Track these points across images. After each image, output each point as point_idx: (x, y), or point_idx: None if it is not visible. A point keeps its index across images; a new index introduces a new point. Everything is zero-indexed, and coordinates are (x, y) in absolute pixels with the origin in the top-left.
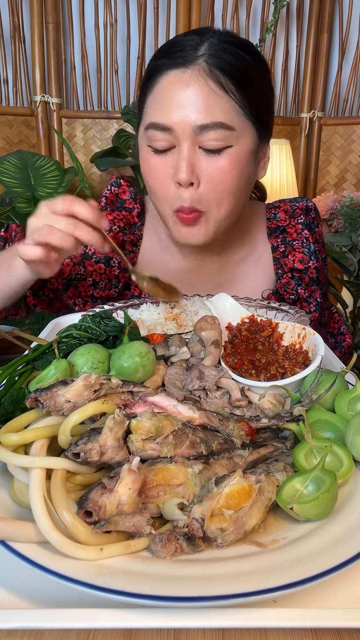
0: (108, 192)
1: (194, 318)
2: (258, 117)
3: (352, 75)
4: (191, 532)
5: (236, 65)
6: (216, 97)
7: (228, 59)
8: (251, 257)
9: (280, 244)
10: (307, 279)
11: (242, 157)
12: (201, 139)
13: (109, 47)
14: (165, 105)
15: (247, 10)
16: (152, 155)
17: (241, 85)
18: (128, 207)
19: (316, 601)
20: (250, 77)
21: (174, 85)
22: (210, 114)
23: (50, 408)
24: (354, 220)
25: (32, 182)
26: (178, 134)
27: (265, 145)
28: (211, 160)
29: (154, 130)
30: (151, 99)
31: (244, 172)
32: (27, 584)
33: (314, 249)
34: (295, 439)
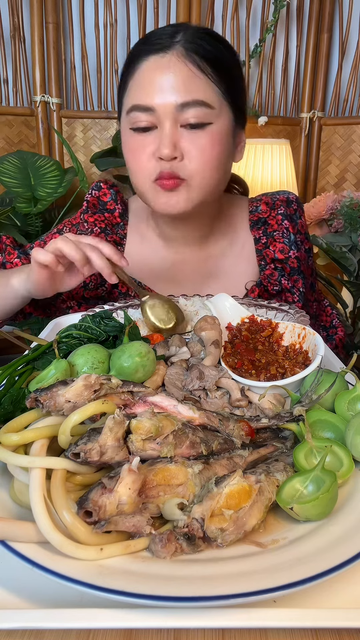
0: (89, 196)
1: (194, 318)
2: (234, 101)
3: (352, 75)
4: (191, 532)
5: (211, 51)
6: (195, 78)
7: (203, 44)
8: (234, 249)
9: (262, 235)
10: (288, 269)
11: (222, 135)
12: (182, 117)
13: (109, 47)
14: (146, 88)
15: (247, 10)
16: (135, 136)
17: (217, 69)
18: (109, 209)
19: (316, 601)
20: (225, 63)
21: (154, 70)
22: (190, 93)
23: (50, 408)
24: (354, 220)
25: (32, 182)
26: (160, 114)
27: (241, 130)
28: (193, 135)
29: (137, 111)
30: (132, 84)
31: (224, 150)
32: (27, 584)
33: (294, 239)
34: (295, 439)
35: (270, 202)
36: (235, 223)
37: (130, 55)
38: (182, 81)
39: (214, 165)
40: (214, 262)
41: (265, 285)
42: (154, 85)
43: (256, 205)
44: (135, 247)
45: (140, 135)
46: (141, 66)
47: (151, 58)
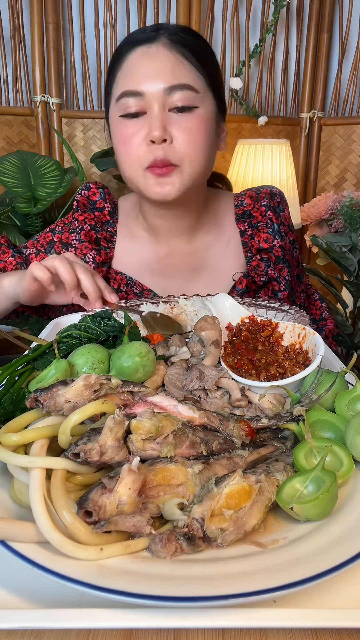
0: (79, 196)
1: (194, 318)
2: (215, 90)
3: (352, 75)
4: (191, 532)
5: (193, 43)
6: (181, 64)
7: (186, 37)
8: (220, 241)
9: (247, 227)
10: (273, 258)
11: (208, 119)
12: (170, 100)
13: (109, 47)
14: (135, 74)
15: (247, 10)
16: (125, 123)
17: (199, 59)
18: (99, 207)
19: (316, 601)
20: (206, 55)
21: (142, 58)
22: (176, 77)
23: (50, 408)
24: (354, 220)
25: (32, 182)
26: (148, 98)
27: (222, 121)
28: (182, 118)
29: (126, 97)
30: (121, 73)
31: (209, 134)
32: (27, 584)
33: (277, 229)
34: (295, 439)
35: (254, 196)
36: (221, 217)
37: (116, 52)
38: (169, 66)
39: (201, 148)
40: (201, 255)
41: (252, 276)
42: (142, 71)
43: (241, 199)
44: (125, 243)
45: (130, 121)
46: (128, 57)
47: (138, 49)
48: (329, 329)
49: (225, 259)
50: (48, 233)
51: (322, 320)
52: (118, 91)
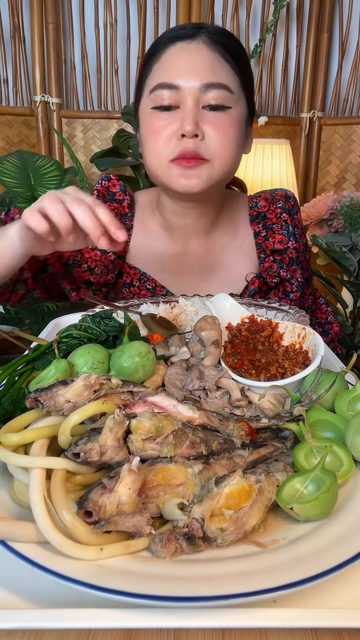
0: (99, 185)
1: (194, 318)
2: (248, 94)
3: (352, 75)
4: (191, 532)
5: (232, 45)
6: (219, 63)
7: (225, 39)
8: (234, 242)
9: (262, 229)
10: (287, 259)
11: (239, 120)
12: (204, 97)
13: (109, 47)
14: (173, 68)
15: (247, 10)
16: (156, 115)
17: (236, 61)
18: (118, 199)
19: (316, 601)
20: (243, 58)
21: (182, 52)
22: (214, 75)
23: (50, 408)
24: (354, 220)
25: (32, 182)
26: (184, 92)
27: (250, 125)
28: (214, 116)
29: (161, 89)
30: (158, 66)
31: (240, 135)
32: (27, 584)
33: (292, 231)
34: (295, 439)
35: (269, 198)
36: (236, 218)
37: (154, 46)
38: (207, 64)
39: (231, 148)
40: (215, 255)
41: (265, 277)
42: (180, 66)
43: (255, 201)
44: (140, 238)
45: (162, 113)
46: (168, 50)
47: (178, 44)
48: (335, 332)
49: (239, 259)
50: None
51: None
52: (153, 83)
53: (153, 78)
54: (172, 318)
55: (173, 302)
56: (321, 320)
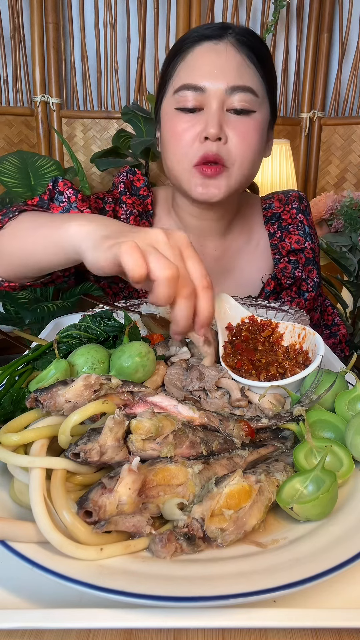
0: (124, 178)
1: None
2: (271, 97)
3: (352, 75)
4: (191, 532)
5: (259, 48)
6: (246, 66)
7: (252, 40)
8: (249, 244)
9: (277, 230)
10: (303, 259)
11: (263, 124)
12: (230, 101)
13: (109, 47)
14: (199, 69)
15: (247, 10)
16: (180, 116)
17: (263, 65)
18: (142, 195)
19: (316, 601)
20: (268, 62)
21: (208, 52)
22: (240, 78)
23: (50, 408)
24: (354, 220)
25: (32, 182)
26: (209, 94)
27: (271, 129)
28: (239, 120)
29: (186, 90)
30: (183, 65)
31: (262, 140)
32: (27, 584)
33: (308, 231)
34: (295, 439)
35: (283, 199)
36: (250, 220)
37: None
38: (234, 66)
39: (253, 153)
40: (231, 257)
41: (280, 278)
42: (207, 67)
43: (269, 202)
44: None
45: (186, 115)
46: (194, 50)
47: (204, 44)
48: (342, 334)
49: (254, 261)
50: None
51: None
52: (178, 83)
53: (178, 78)
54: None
55: None
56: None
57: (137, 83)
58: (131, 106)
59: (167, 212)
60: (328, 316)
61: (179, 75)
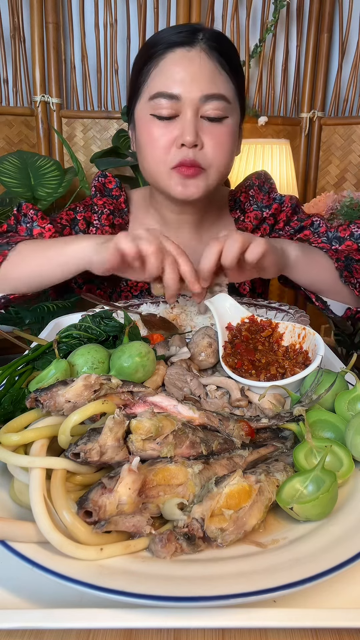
0: (96, 182)
1: (194, 318)
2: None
3: (352, 75)
4: (191, 532)
5: (229, 52)
6: (218, 73)
7: (223, 45)
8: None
9: (239, 214)
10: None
11: (235, 128)
12: (204, 108)
13: (109, 47)
14: (173, 77)
15: (247, 10)
16: (155, 123)
17: (233, 69)
18: (115, 195)
19: (316, 601)
20: (238, 64)
21: (181, 60)
22: (214, 86)
23: (50, 408)
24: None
25: (32, 182)
26: (184, 102)
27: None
28: (212, 127)
29: (161, 98)
30: (157, 72)
31: (235, 141)
32: (27, 584)
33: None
34: (295, 439)
35: (242, 185)
36: (220, 210)
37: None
38: (208, 75)
39: (227, 156)
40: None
41: None
42: (181, 75)
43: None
44: None
45: (162, 122)
46: (166, 56)
47: (177, 50)
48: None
49: None
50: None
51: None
52: (153, 90)
53: (152, 85)
54: (172, 318)
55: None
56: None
57: None
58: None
59: (145, 209)
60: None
61: (153, 81)
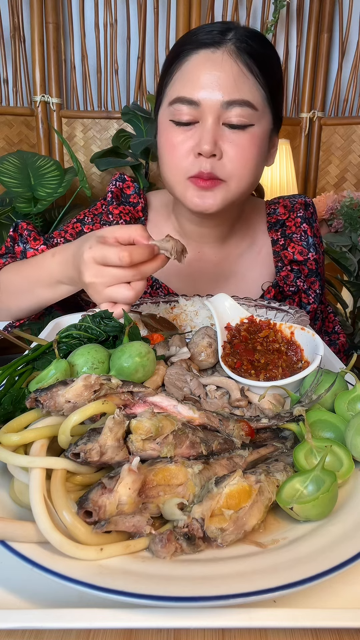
0: (113, 187)
1: (194, 318)
2: (275, 106)
3: (352, 75)
4: (191, 532)
5: (261, 53)
6: (244, 77)
7: (254, 45)
8: (251, 250)
9: (280, 237)
10: (306, 270)
11: (261, 137)
12: (226, 115)
13: (109, 47)
14: (194, 81)
15: (247, 10)
16: (174, 129)
17: (264, 72)
18: (132, 202)
19: (316, 601)
20: (272, 67)
21: (204, 63)
22: (237, 91)
23: (50, 408)
24: (354, 220)
25: (32, 182)
26: (204, 109)
27: (275, 135)
28: (235, 135)
29: (181, 104)
30: (179, 76)
31: (261, 152)
32: (27, 584)
33: (312, 242)
34: (295, 439)
35: (288, 205)
36: (254, 225)
37: (178, 46)
38: (231, 79)
39: (251, 167)
40: (232, 262)
41: (282, 286)
42: (202, 80)
43: (274, 207)
44: None
45: (181, 128)
46: (190, 58)
47: (201, 52)
48: (342, 343)
49: (255, 267)
50: (77, 224)
51: (335, 333)
52: (173, 94)
53: (174, 88)
54: (172, 318)
55: (173, 302)
56: (328, 329)
57: (137, 83)
58: (131, 106)
59: (165, 216)
60: (329, 323)
61: (174, 85)
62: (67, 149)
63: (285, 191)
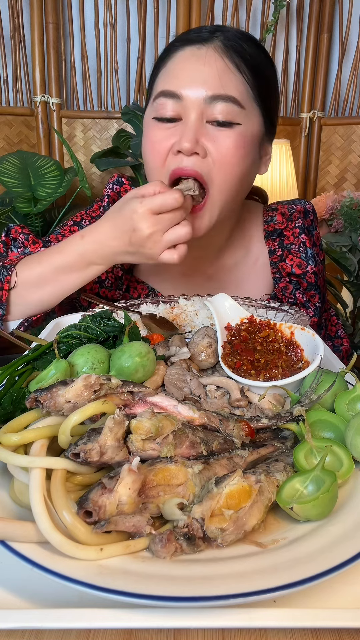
0: (110, 190)
1: (194, 318)
2: (265, 108)
3: (352, 75)
4: (191, 532)
5: (250, 53)
6: (230, 74)
7: (243, 44)
8: (247, 260)
9: (278, 247)
10: (305, 284)
11: (249, 139)
12: (210, 111)
13: (109, 47)
14: (177, 75)
15: (247, 10)
16: (157, 126)
17: (253, 71)
18: None
19: (316, 601)
20: (261, 67)
21: (189, 58)
22: (222, 86)
23: (50, 408)
24: (354, 220)
25: (32, 182)
26: (187, 104)
27: (268, 143)
28: (219, 132)
29: (164, 97)
30: (164, 72)
31: (248, 154)
32: (27, 584)
33: (311, 254)
34: (295, 439)
35: (287, 214)
36: (250, 232)
37: (167, 47)
38: (215, 73)
39: (235, 171)
40: (228, 272)
41: (280, 298)
42: (186, 73)
43: (271, 215)
44: None
45: (164, 124)
46: (176, 55)
47: (187, 48)
48: (345, 349)
49: (252, 277)
50: (74, 226)
51: (338, 337)
52: (157, 90)
53: (158, 84)
54: (172, 318)
55: (173, 302)
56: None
57: (137, 83)
58: (131, 106)
59: None
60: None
61: (159, 82)
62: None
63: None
